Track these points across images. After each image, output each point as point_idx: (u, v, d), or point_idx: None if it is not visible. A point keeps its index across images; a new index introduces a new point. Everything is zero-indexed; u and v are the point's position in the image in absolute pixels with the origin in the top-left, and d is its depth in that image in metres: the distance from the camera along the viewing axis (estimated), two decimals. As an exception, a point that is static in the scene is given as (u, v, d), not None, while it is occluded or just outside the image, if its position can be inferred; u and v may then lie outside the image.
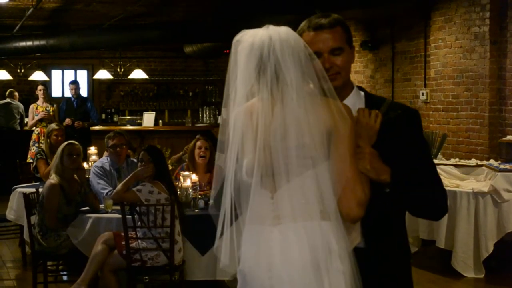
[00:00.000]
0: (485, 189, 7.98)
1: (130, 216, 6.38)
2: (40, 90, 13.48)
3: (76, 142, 7.44)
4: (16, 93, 15.66)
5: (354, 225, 2.93)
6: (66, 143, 7.36)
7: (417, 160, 3.03)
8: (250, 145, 2.80)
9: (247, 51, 2.80)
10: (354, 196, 2.81)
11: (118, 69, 17.77)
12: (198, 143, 7.86)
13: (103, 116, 18.27)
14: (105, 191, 7.49)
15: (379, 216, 2.99)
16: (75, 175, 7.21)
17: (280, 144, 2.76)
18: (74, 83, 13.82)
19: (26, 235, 7.90)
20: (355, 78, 13.97)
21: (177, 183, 7.30)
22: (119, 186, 6.76)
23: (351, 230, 2.93)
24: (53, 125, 9.59)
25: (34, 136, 13.02)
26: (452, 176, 8.59)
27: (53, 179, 7.10)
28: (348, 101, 3.05)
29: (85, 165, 8.17)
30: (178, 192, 7.01)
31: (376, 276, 3.02)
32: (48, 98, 14.05)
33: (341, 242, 2.80)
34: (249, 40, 2.81)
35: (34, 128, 13.20)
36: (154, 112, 17.45)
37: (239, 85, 2.82)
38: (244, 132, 2.81)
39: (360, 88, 3.17)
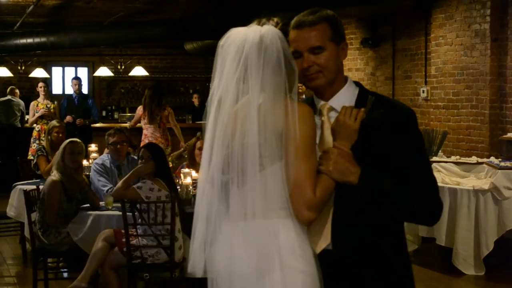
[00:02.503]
0: (486, 187, 7.98)
1: (130, 213, 6.38)
2: (40, 87, 13.49)
3: (78, 140, 7.42)
4: (17, 90, 15.66)
5: (322, 226, 2.92)
6: (68, 141, 7.34)
7: (401, 162, 2.90)
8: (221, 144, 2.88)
9: (228, 53, 2.90)
10: (302, 198, 2.81)
11: (119, 66, 17.78)
12: (198, 144, 7.81)
13: (104, 113, 18.29)
14: (106, 188, 7.49)
15: (358, 218, 2.93)
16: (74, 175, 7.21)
17: (241, 142, 2.83)
18: (77, 79, 13.85)
19: (26, 232, 7.91)
20: (355, 75, 13.97)
21: (177, 181, 7.30)
22: (120, 183, 6.75)
23: (320, 232, 2.93)
24: (54, 122, 9.59)
25: (34, 133, 13.03)
26: (453, 174, 8.59)
27: (54, 176, 7.10)
28: (337, 98, 3.02)
29: (85, 162, 8.19)
30: (179, 189, 7.02)
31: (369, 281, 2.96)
32: (49, 95, 14.06)
33: (302, 241, 2.83)
34: (232, 42, 2.90)
35: (34, 125, 13.21)
36: (155, 109, 17.44)
37: (223, 86, 2.89)
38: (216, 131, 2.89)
39: (357, 84, 3.09)
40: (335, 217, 2.93)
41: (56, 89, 18.86)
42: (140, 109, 11.51)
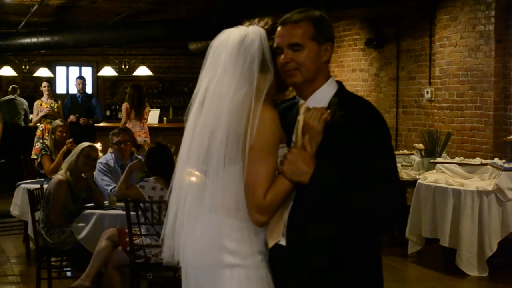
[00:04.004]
0: (490, 188, 7.97)
1: (134, 213, 6.38)
2: (44, 86, 13.53)
3: (97, 147, 7.40)
4: (18, 90, 15.64)
5: (277, 222, 2.96)
6: (87, 145, 7.26)
7: (360, 166, 2.89)
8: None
9: (213, 52, 3.03)
10: (252, 201, 2.89)
11: (123, 66, 17.78)
12: None
13: (108, 113, 18.29)
14: (109, 188, 7.50)
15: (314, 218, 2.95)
16: (83, 174, 7.21)
17: (210, 139, 2.93)
18: (81, 78, 13.90)
19: (30, 231, 7.91)
20: (359, 76, 13.97)
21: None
22: (120, 182, 6.75)
23: (275, 227, 2.97)
24: (58, 122, 9.60)
25: (38, 132, 13.07)
26: (457, 175, 8.58)
27: (61, 175, 7.08)
28: (314, 98, 3.05)
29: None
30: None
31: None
32: (53, 94, 14.08)
33: (244, 241, 2.92)
34: (219, 42, 3.03)
35: (38, 124, 13.24)
36: (159, 109, 17.47)
37: (206, 84, 3.02)
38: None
39: (339, 84, 3.11)
40: (293, 214, 2.97)
41: (60, 89, 18.87)
42: (126, 107, 12.37)
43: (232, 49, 2.96)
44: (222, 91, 2.94)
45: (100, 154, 8.96)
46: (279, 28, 3.03)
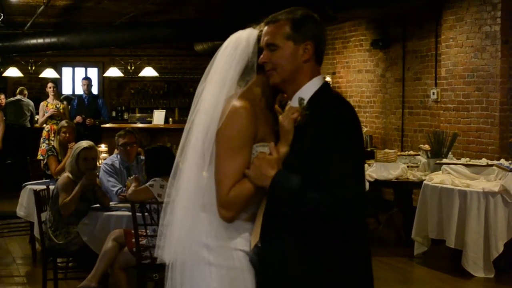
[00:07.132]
0: (496, 189, 7.96)
1: (140, 214, 6.38)
2: (50, 87, 13.56)
3: (91, 146, 7.34)
4: (26, 92, 15.70)
5: (257, 224, 2.96)
6: (82, 147, 7.21)
7: (321, 167, 2.81)
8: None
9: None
10: (217, 196, 2.94)
11: (129, 67, 17.80)
12: None
13: (114, 113, 18.30)
14: (115, 189, 7.49)
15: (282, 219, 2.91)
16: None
17: (196, 139, 3.02)
18: (87, 79, 13.94)
19: (36, 232, 7.91)
20: (365, 76, 13.95)
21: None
22: (133, 186, 6.73)
23: (255, 228, 2.98)
24: (63, 123, 9.62)
25: (44, 133, 13.10)
26: (463, 176, 8.56)
27: (68, 174, 7.10)
28: (295, 98, 2.99)
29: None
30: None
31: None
32: (58, 95, 14.12)
33: (221, 238, 2.96)
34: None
35: (44, 125, 13.26)
36: (164, 110, 17.47)
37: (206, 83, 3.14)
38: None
39: (324, 83, 3.02)
40: (265, 214, 2.95)
41: (66, 90, 18.88)
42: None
43: (222, 50, 3.05)
44: (208, 92, 3.03)
45: (105, 155, 8.97)
46: (264, 28, 3.05)
